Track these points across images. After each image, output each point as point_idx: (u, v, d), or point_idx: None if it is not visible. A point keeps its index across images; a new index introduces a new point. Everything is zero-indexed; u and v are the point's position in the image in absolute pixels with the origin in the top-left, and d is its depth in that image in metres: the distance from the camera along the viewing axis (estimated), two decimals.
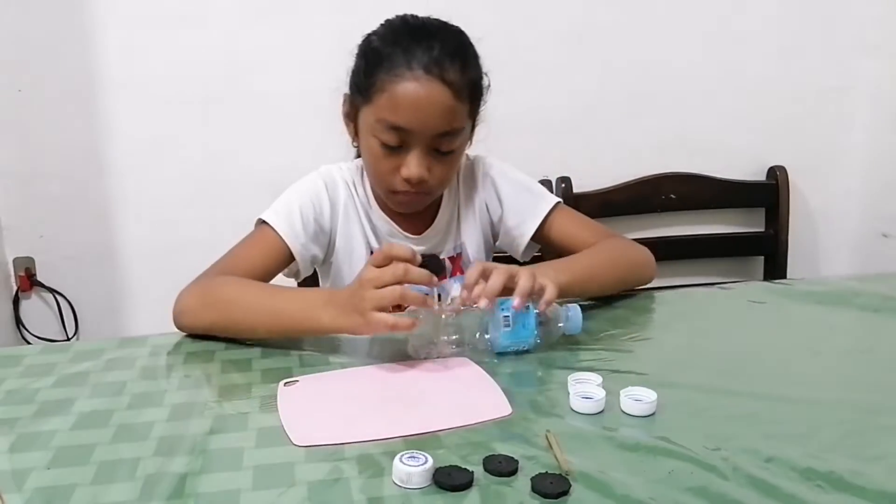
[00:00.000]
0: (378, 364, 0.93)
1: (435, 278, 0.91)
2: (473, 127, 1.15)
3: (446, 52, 1.04)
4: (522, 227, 1.22)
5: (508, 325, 0.93)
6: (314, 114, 1.58)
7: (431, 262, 0.94)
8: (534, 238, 1.23)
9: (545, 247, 1.25)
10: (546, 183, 1.72)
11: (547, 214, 1.21)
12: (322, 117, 1.52)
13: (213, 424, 0.79)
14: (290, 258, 1.14)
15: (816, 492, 0.66)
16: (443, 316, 0.93)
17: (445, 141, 1.07)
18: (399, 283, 0.88)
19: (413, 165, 1.07)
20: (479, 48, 1.23)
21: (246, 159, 1.58)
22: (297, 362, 0.95)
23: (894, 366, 0.94)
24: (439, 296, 0.94)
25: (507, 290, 0.93)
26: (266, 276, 1.11)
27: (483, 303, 0.90)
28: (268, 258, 1.12)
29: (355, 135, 1.15)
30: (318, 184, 1.18)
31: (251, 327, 1.00)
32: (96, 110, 1.53)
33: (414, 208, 1.17)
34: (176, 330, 1.05)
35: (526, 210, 1.22)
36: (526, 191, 1.24)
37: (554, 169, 1.68)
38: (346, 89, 1.16)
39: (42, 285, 1.77)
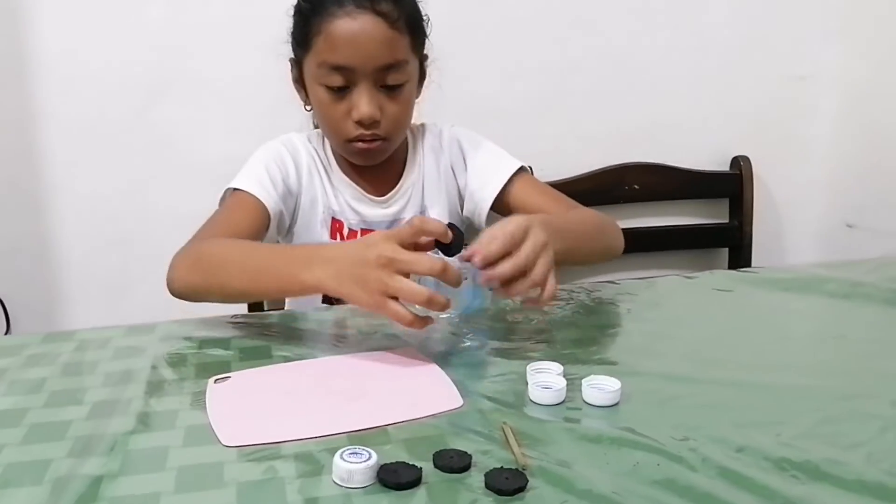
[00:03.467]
0: (319, 357, 0.87)
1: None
2: (422, 66, 1.15)
3: None
4: (484, 191, 1.20)
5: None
6: (262, 100, 1.51)
7: (457, 237, 0.84)
8: (496, 205, 1.19)
9: (508, 214, 1.20)
10: None
11: (511, 176, 1.19)
12: (271, 103, 1.47)
13: (136, 423, 0.72)
14: (269, 217, 1.11)
15: (791, 482, 0.62)
16: None
17: (391, 75, 1.07)
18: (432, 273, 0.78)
19: (363, 104, 1.06)
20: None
21: (190, 148, 1.50)
22: (237, 356, 0.88)
23: (869, 351, 0.90)
24: None
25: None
26: (255, 237, 1.09)
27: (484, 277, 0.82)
28: (251, 218, 1.10)
29: (307, 97, 1.15)
30: (280, 148, 1.18)
31: (239, 288, 0.96)
32: (28, 96, 1.44)
33: (374, 158, 1.14)
34: (106, 324, 0.99)
35: (489, 170, 1.20)
36: (490, 153, 1.23)
37: (516, 158, 1.64)
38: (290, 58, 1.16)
39: None
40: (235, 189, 1.12)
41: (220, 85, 1.51)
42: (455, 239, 0.83)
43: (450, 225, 0.83)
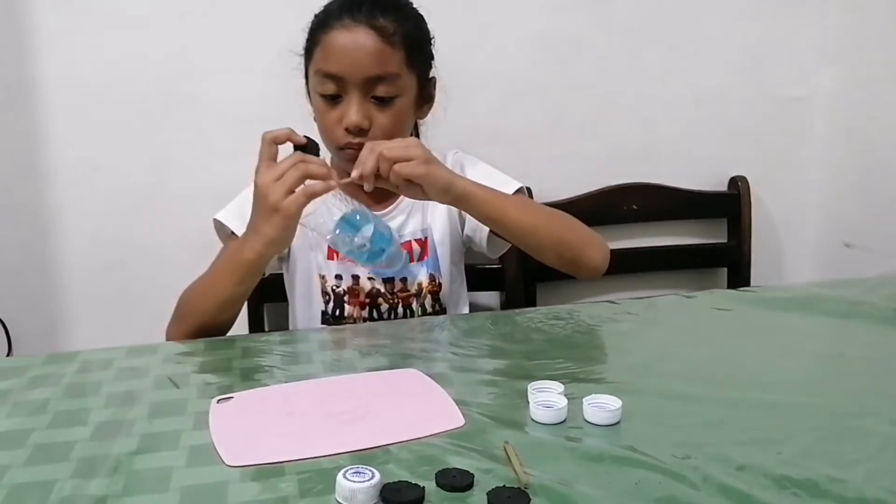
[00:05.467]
0: (321, 378, 0.87)
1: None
2: (425, 87, 1.19)
3: (376, 4, 1.11)
4: None
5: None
6: (265, 123, 1.52)
7: (311, 144, 1.02)
8: None
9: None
10: None
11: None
12: (273, 126, 1.47)
13: (140, 443, 0.72)
14: None
15: (792, 500, 0.62)
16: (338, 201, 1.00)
17: (380, 86, 1.11)
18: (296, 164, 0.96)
19: (351, 112, 1.10)
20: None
21: (195, 169, 1.50)
22: (239, 376, 0.88)
23: (868, 370, 0.90)
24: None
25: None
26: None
27: (367, 186, 0.99)
28: None
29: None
30: None
31: (211, 305, 1.04)
32: (32, 117, 1.45)
33: None
34: (108, 345, 0.99)
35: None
36: (491, 175, 1.25)
37: (514, 179, 1.65)
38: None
39: None
40: (232, 233, 1.14)
41: (223, 107, 1.51)
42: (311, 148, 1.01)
43: (307, 137, 1.01)
